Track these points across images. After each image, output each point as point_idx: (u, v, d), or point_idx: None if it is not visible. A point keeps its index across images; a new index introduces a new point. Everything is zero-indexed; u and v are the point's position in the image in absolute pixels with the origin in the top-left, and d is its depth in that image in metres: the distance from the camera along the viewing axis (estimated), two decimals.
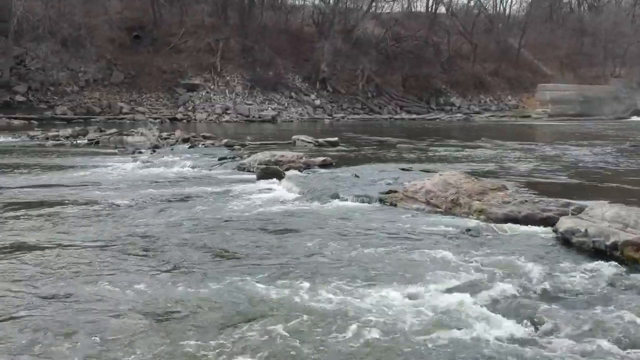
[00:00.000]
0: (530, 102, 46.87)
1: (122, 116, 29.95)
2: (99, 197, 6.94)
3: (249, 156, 10.58)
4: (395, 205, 6.37)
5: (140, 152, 12.46)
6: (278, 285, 3.84)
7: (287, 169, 8.76)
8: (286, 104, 36.64)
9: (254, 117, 33.14)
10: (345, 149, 13.12)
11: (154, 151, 12.47)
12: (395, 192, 6.67)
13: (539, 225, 5.32)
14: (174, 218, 5.82)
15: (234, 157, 10.59)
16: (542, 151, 12.65)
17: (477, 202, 5.84)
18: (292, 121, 33.81)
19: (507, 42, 50.97)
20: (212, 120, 32.01)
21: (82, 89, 32.08)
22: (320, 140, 13.64)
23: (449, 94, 44.39)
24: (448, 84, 44.79)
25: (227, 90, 35.28)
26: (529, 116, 42.37)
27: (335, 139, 13.67)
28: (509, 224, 5.35)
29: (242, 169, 9.50)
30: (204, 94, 34.54)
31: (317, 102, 38.23)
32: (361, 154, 12.02)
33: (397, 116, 39.33)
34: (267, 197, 7.01)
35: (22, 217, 5.91)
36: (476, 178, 6.66)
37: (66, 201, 6.70)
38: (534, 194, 6.43)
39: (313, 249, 4.71)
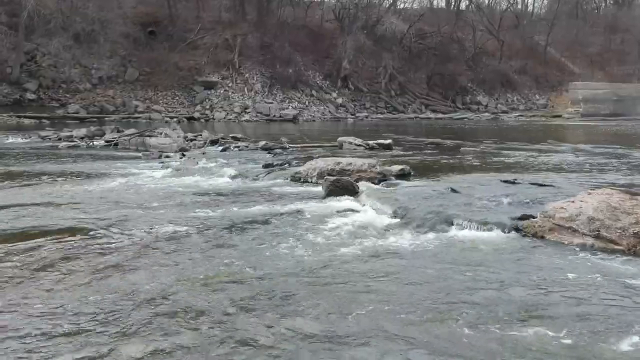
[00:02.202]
0: (559, 101, 44.95)
1: (137, 115, 28.47)
2: (126, 223, 5.22)
3: (300, 163, 8.89)
4: (542, 238, 4.62)
5: (168, 156, 10.80)
6: None
7: (357, 180, 7.03)
8: (307, 103, 34.98)
9: (274, 116, 31.49)
10: (402, 153, 11.37)
11: (183, 155, 10.82)
12: (532, 217, 4.92)
13: None
14: (228, 266, 3.99)
15: (282, 164, 8.87)
16: (635, 157, 10.82)
17: None
18: (314, 121, 32.15)
19: (532, 39, 49.03)
20: (230, 119, 30.44)
21: (95, 86, 30.64)
22: (371, 142, 11.91)
23: (475, 93, 42.54)
24: (474, 82, 42.92)
25: (245, 88, 33.66)
26: (559, 116, 40.42)
27: (389, 141, 11.95)
28: None
29: (297, 179, 7.79)
30: (222, 92, 32.96)
31: (339, 100, 36.55)
32: (427, 160, 10.24)
33: (423, 115, 37.61)
34: (351, 222, 5.25)
35: (17, 256, 4.22)
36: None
37: (83, 228, 4.99)
38: None
39: (457, 334, 2.95)
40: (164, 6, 35.85)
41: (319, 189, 6.96)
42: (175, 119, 26.73)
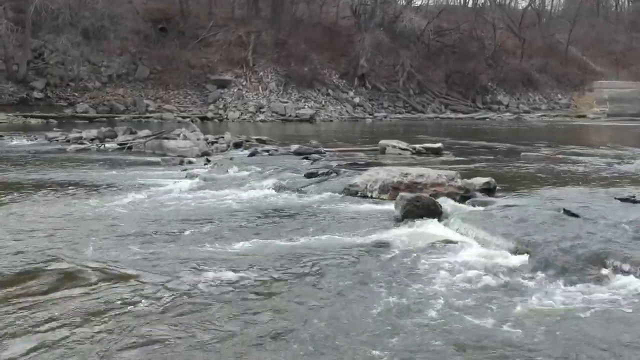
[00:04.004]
0: (582, 100, 43.43)
1: (148, 115, 27.31)
2: (155, 264, 3.89)
3: (347, 171, 7.56)
4: None
5: (190, 162, 9.53)
6: None
7: (433, 196, 5.69)
8: (323, 102, 33.64)
9: (290, 116, 30.19)
10: (455, 159, 10.01)
11: (208, 161, 9.51)
12: None
13: None
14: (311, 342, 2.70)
15: (328, 173, 7.53)
16: None
17: None
18: (331, 121, 30.85)
19: (553, 38, 47.45)
20: (245, 119, 29.20)
21: (105, 85, 29.47)
22: (418, 146, 10.57)
23: (495, 92, 41.02)
24: (494, 80, 41.40)
25: (260, 87, 32.36)
26: (584, 116, 38.92)
27: (438, 145, 10.61)
28: None
29: (353, 193, 6.46)
30: (235, 90, 31.69)
31: (356, 100, 35.21)
32: (492, 168, 8.84)
33: (443, 115, 36.20)
34: (456, 263, 3.85)
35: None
36: None
37: (95, 270, 3.69)
38: None
39: None
40: (175, 2, 34.64)
41: (387, 207, 5.64)
42: (188, 119, 25.48)
